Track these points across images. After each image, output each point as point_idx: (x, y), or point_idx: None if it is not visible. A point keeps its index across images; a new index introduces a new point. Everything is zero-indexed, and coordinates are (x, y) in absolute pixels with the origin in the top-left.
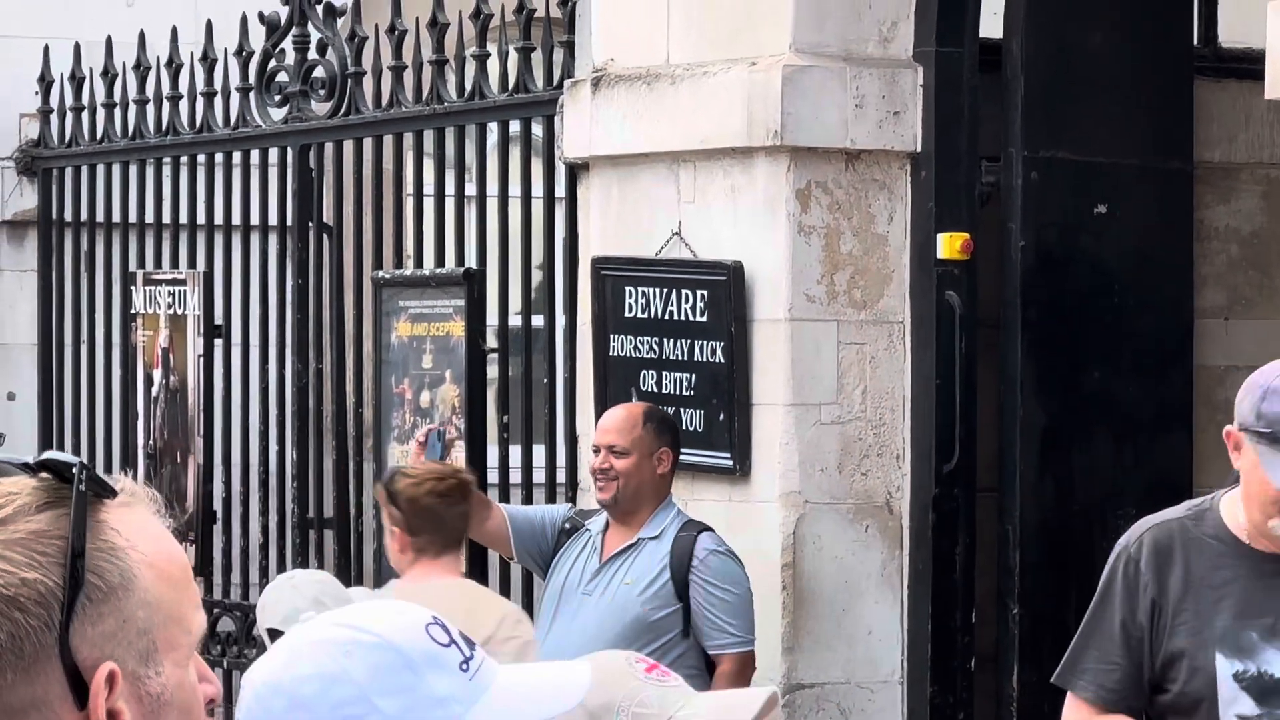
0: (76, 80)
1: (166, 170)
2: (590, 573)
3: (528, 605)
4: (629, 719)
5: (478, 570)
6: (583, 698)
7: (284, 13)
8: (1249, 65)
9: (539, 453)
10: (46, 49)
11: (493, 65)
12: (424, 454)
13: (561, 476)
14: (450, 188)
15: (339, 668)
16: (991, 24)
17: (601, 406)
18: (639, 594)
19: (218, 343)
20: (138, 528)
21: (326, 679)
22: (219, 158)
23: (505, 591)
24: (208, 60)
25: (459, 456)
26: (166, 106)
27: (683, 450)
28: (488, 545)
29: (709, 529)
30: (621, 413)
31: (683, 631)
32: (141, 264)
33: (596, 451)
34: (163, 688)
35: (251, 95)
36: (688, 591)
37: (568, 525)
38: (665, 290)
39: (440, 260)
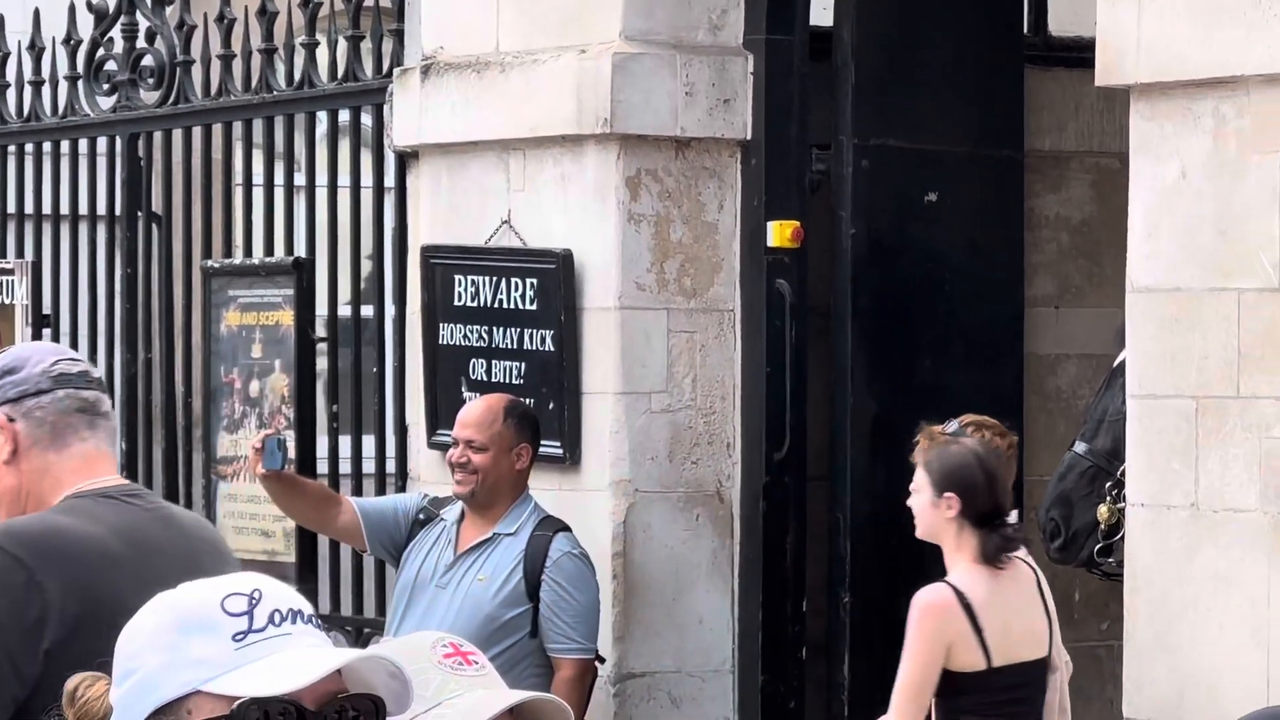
0: None
1: None
2: (445, 565)
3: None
4: None
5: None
6: (320, 674)
7: (112, 1)
8: (1079, 54)
9: (369, 443)
10: None
11: (322, 54)
12: (261, 462)
13: (391, 466)
14: (280, 177)
15: (138, 622)
16: (822, 12)
17: (431, 396)
18: (492, 592)
19: (46, 332)
20: None
21: (128, 630)
22: (47, 147)
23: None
24: (35, 49)
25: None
26: None
27: None
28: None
29: (566, 529)
30: (482, 406)
31: (531, 631)
32: None
33: (455, 444)
34: None
35: (80, 84)
36: (539, 591)
37: (421, 515)
38: (495, 279)
39: (269, 250)
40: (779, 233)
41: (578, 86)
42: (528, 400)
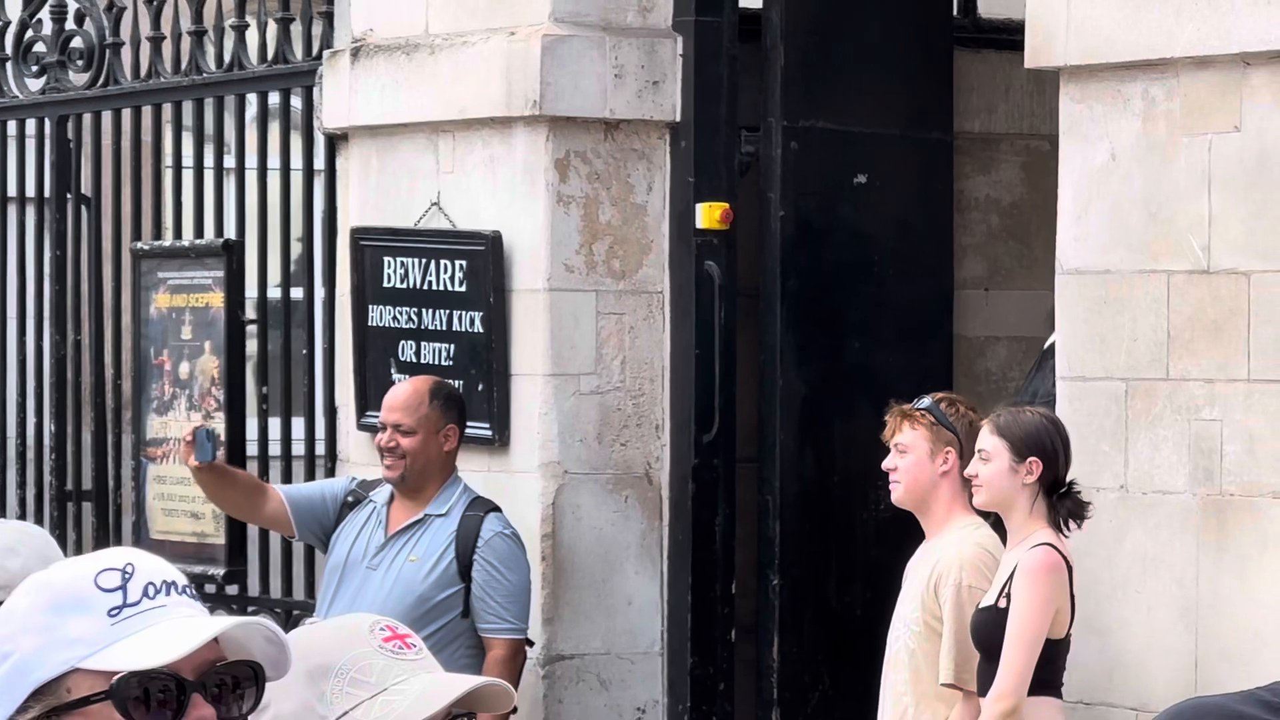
0: None
1: None
2: (375, 546)
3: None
4: (347, 683)
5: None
6: (196, 644)
7: None
8: (1009, 36)
9: (298, 425)
10: None
11: (252, 36)
12: (194, 453)
13: (321, 449)
14: (210, 159)
15: (11, 604)
16: None
17: (360, 378)
18: (424, 573)
19: None
20: None
21: (1, 614)
22: None
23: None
24: None
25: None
26: None
27: None
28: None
29: (497, 509)
30: (407, 389)
31: (463, 612)
32: None
33: (383, 428)
34: None
35: (9, 65)
36: (471, 572)
37: (350, 498)
38: (424, 261)
39: (199, 232)
40: (708, 214)
41: (507, 69)
42: (456, 382)
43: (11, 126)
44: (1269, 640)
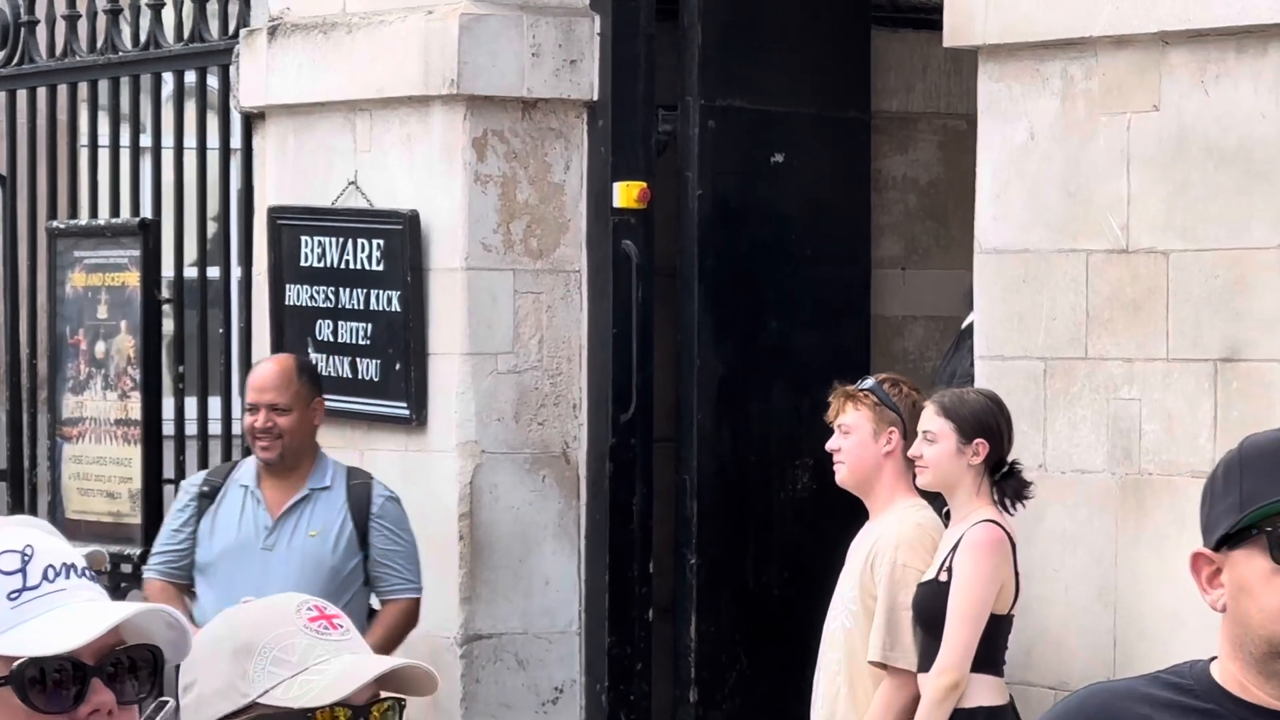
0: None
1: None
2: (265, 528)
3: None
4: (269, 662)
5: None
6: (99, 632)
7: None
8: (927, 15)
9: (215, 404)
10: None
11: (168, 15)
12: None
13: (237, 428)
14: (126, 138)
15: None
16: None
17: None
18: (330, 546)
19: None
20: None
21: None
22: None
23: None
24: None
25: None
26: None
27: (359, 400)
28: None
29: (371, 475)
30: (273, 368)
31: (364, 580)
32: None
33: (254, 410)
34: None
35: None
36: (368, 539)
37: (206, 488)
38: (341, 240)
39: (115, 211)
40: (625, 194)
41: (424, 48)
42: (374, 361)
43: None
44: (1186, 620)
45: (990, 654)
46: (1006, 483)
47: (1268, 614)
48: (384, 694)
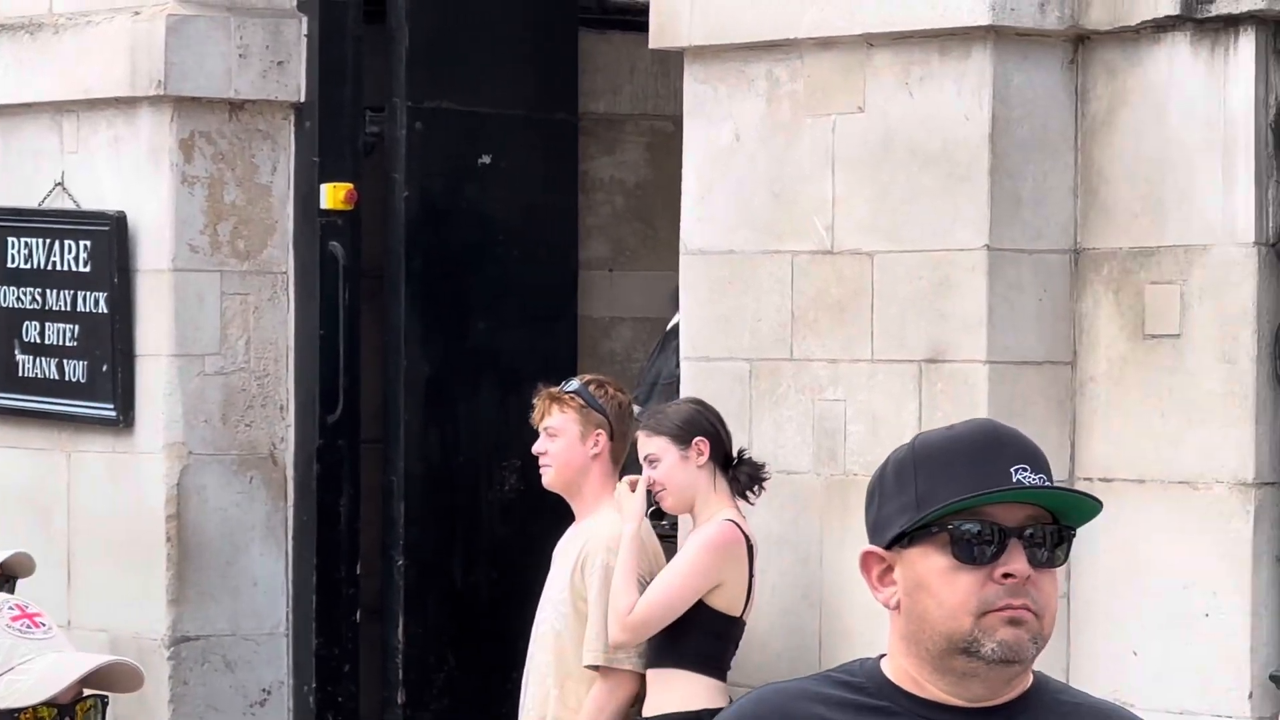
0: None
1: None
2: None
3: None
4: None
5: None
6: None
7: None
8: (633, 18)
9: None
10: None
11: None
12: None
13: None
14: None
15: None
16: None
17: None
18: None
19: None
20: None
21: None
22: None
23: None
24: None
25: None
26: None
27: (66, 401)
28: None
29: None
30: None
31: None
32: None
33: None
34: None
35: None
36: None
37: None
38: (48, 241)
39: None
40: (332, 195)
41: (131, 49)
42: (80, 363)
43: None
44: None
45: (715, 656)
46: (739, 471)
47: (947, 610)
48: (88, 692)
